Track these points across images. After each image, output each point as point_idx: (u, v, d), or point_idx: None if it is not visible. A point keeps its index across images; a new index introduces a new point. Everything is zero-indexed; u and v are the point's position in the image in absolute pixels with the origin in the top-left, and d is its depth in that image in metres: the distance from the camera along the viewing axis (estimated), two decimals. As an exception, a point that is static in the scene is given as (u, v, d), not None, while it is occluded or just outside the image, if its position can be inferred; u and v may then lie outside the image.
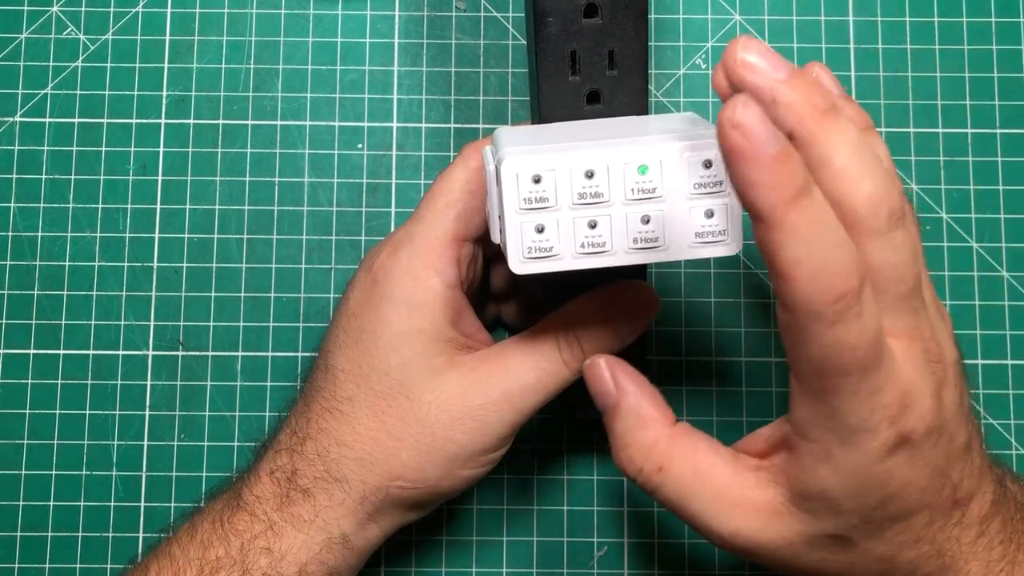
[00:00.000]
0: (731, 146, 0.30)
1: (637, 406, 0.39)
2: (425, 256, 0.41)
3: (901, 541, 0.36)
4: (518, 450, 0.52)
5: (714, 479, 0.37)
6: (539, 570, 0.51)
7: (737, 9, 0.54)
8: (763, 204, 0.30)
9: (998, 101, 0.54)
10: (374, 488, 0.41)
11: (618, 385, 0.39)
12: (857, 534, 0.35)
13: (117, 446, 0.52)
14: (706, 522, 0.37)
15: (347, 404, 0.41)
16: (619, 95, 0.40)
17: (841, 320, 0.31)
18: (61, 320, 0.52)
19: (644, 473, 0.38)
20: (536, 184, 0.35)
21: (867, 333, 0.31)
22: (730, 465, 0.37)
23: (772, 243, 0.31)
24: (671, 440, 0.38)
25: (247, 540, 0.41)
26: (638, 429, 0.38)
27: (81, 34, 0.54)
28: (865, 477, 0.33)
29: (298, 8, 0.54)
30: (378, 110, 0.54)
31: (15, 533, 0.51)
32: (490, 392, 0.41)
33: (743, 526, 0.36)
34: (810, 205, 0.31)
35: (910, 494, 0.34)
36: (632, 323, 0.42)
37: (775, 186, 0.30)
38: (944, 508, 0.36)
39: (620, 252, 0.35)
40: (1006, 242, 0.53)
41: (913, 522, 0.35)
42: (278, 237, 0.53)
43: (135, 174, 0.53)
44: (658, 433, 0.38)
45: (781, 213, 0.30)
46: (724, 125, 0.30)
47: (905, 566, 0.36)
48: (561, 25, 0.39)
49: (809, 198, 0.31)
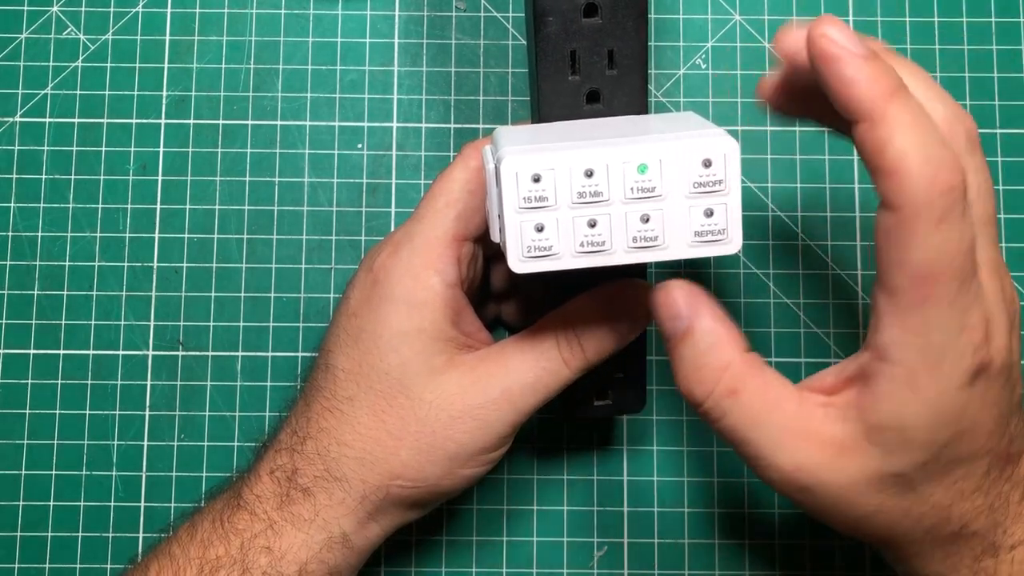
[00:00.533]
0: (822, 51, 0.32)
1: (714, 327, 0.37)
2: (425, 255, 0.41)
3: (960, 489, 0.36)
4: (518, 450, 0.52)
5: (782, 411, 0.36)
6: (539, 570, 0.51)
7: (737, 9, 0.55)
8: (865, 98, 0.32)
9: (998, 101, 0.54)
10: (374, 487, 0.41)
11: (692, 307, 0.37)
12: (921, 475, 0.35)
13: (117, 446, 0.52)
14: (769, 454, 0.36)
15: (347, 403, 0.41)
16: (619, 95, 0.40)
17: (947, 219, 0.32)
18: (61, 320, 0.52)
19: (714, 397, 0.36)
20: (535, 183, 0.35)
21: (967, 239, 0.32)
22: (797, 399, 0.36)
23: (878, 139, 0.32)
24: (745, 364, 0.36)
25: (247, 539, 0.41)
26: (714, 350, 0.36)
27: (81, 34, 0.54)
28: (943, 407, 0.34)
29: (298, 8, 0.54)
30: (378, 110, 0.54)
31: (15, 533, 0.51)
32: (490, 391, 0.41)
33: (807, 460, 0.35)
34: (910, 99, 0.32)
35: (979, 435, 0.35)
36: (632, 322, 0.42)
37: (874, 79, 0.32)
38: (1001, 458, 0.36)
39: (619, 251, 0.35)
40: (1006, 242, 0.53)
41: (975, 468, 0.35)
42: (278, 237, 0.53)
43: (135, 174, 0.53)
44: (732, 355, 0.36)
45: (883, 105, 0.32)
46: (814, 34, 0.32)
47: (957, 520, 0.36)
48: (561, 24, 0.39)
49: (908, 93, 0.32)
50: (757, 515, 0.51)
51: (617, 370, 0.45)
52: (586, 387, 0.45)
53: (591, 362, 0.42)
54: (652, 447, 0.52)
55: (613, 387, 0.46)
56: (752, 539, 0.51)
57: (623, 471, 0.52)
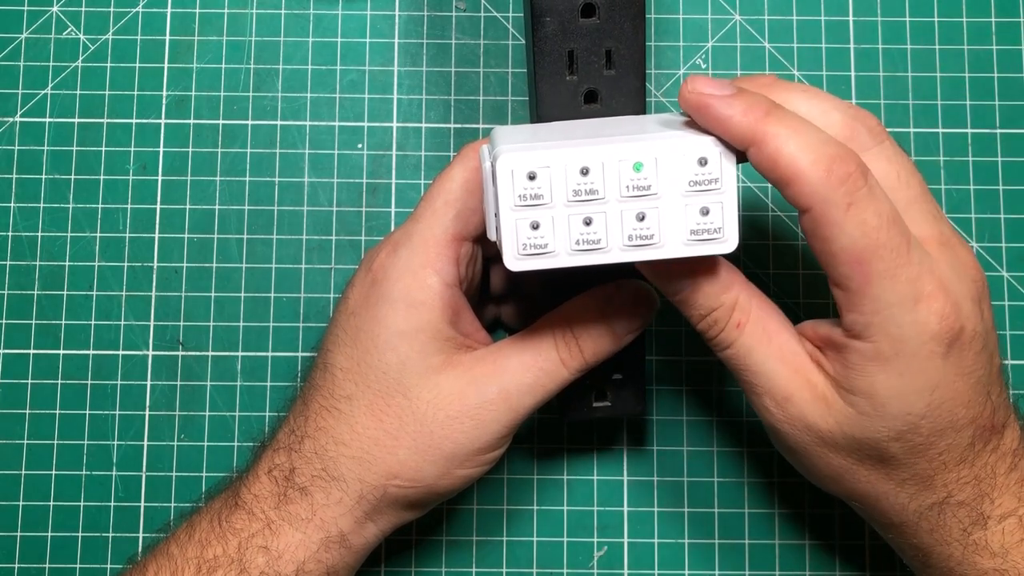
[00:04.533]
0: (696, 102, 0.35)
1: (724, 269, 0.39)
2: (424, 255, 0.41)
3: (944, 460, 0.37)
4: (518, 450, 0.52)
5: (781, 343, 0.39)
6: (539, 570, 0.51)
7: (737, 9, 0.54)
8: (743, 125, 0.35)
9: (998, 101, 0.54)
10: (371, 487, 0.41)
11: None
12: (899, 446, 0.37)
13: (117, 446, 0.52)
14: (765, 381, 0.39)
15: (345, 403, 0.41)
16: (617, 94, 0.40)
17: (854, 201, 0.34)
18: (61, 320, 0.52)
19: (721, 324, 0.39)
20: (531, 181, 0.35)
21: (884, 213, 0.34)
22: (796, 338, 0.39)
23: (767, 156, 0.35)
24: (750, 299, 0.39)
25: (244, 539, 0.41)
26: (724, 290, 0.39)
27: (81, 34, 0.54)
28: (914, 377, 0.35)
29: (298, 8, 0.54)
30: (378, 110, 0.54)
31: (15, 533, 0.51)
32: (487, 392, 0.41)
33: (797, 393, 0.38)
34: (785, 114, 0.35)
35: (957, 404, 0.36)
36: (631, 322, 0.42)
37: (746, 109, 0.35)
38: (986, 429, 0.37)
39: (615, 249, 0.35)
40: (1006, 242, 0.53)
41: (959, 439, 0.37)
42: (278, 237, 0.53)
43: (135, 174, 0.53)
44: (739, 292, 0.39)
45: (763, 125, 0.34)
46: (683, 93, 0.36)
47: (941, 489, 0.38)
48: (558, 24, 0.39)
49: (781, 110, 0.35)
50: (757, 515, 0.51)
51: (616, 371, 0.45)
52: (585, 388, 0.45)
53: (589, 363, 0.42)
54: (652, 447, 0.52)
55: (612, 388, 0.46)
56: (752, 539, 0.51)
57: (623, 471, 0.52)
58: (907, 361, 0.35)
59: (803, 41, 0.54)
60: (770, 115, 0.35)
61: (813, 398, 0.38)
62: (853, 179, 0.34)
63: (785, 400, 0.38)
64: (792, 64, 0.54)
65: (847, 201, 0.34)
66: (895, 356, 0.35)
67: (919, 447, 0.37)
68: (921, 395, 0.36)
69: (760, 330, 0.39)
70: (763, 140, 0.34)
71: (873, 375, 0.36)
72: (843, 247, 0.34)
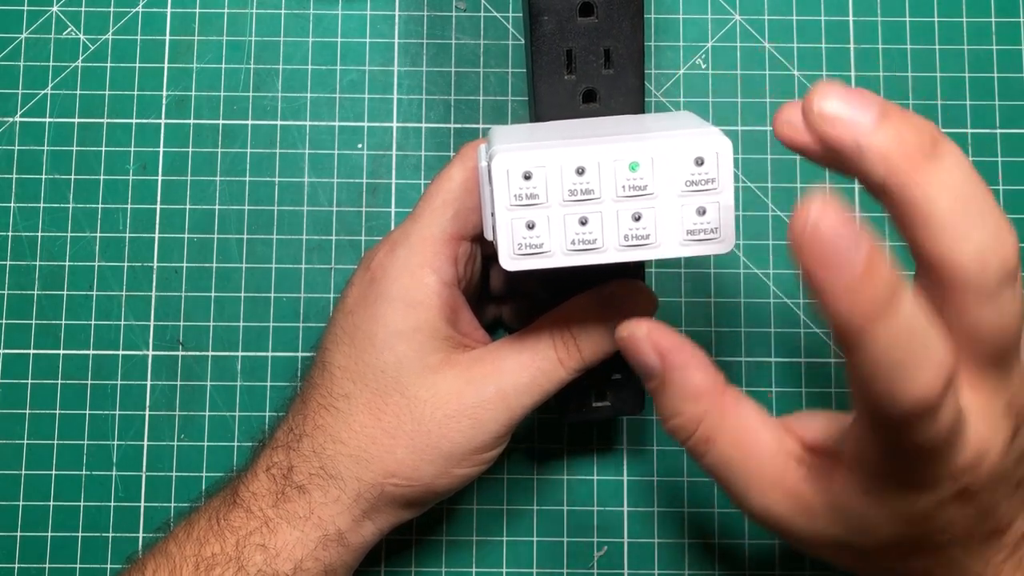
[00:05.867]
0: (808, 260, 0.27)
1: (684, 381, 0.36)
2: (422, 254, 0.41)
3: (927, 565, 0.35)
4: (518, 450, 0.52)
5: (757, 456, 0.36)
6: (539, 570, 0.51)
7: (737, 9, 0.54)
8: (839, 323, 0.28)
9: (998, 101, 0.54)
10: (369, 485, 0.41)
11: (663, 359, 0.36)
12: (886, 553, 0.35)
13: (117, 446, 0.52)
14: (741, 494, 0.36)
15: (343, 401, 0.41)
16: (615, 94, 0.40)
17: (919, 423, 0.29)
18: (61, 320, 0.52)
19: (692, 442, 0.37)
20: (527, 180, 0.35)
21: (945, 425, 0.30)
22: (775, 443, 0.36)
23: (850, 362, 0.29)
24: (720, 412, 0.36)
25: (242, 537, 0.41)
26: (687, 402, 0.36)
27: (81, 34, 0.54)
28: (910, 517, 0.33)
29: (298, 8, 0.54)
30: (378, 110, 0.54)
31: (15, 533, 0.51)
32: (484, 391, 0.40)
33: (775, 507, 0.36)
34: (895, 320, 0.28)
35: (952, 532, 0.34)
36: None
37: (853, 306, 0.27)
38: (982, 539, 0.35)
39: (611, 249, 0.35)
40: (1007, 242, 0.53)
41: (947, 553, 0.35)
42: (278, 237, 0.53)
43: (135, 174, 0.53)
44: (707, 405, 0.36)
45: (856, 338, 0.28)
46: (798, 229, 0.27)
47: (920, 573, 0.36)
48: (556, 24, 0.39)
49: (894, 312, 0.28)
50: (756, 516, 0.51)
51: (615, 371, 0.45)
52: (584, 389, 0.45)
53: (587, 363, 0.41)
54: (652, 447, 0.52)
55: (611, 388, 0.46)
56: (752, 539, 0.51)
57: (623, 471, 0.52)
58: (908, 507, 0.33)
59: (803, 41, 0.54)
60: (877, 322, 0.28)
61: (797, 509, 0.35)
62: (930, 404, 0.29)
63: (763, 511, 0.36)
64: (792, 64, 0.54)
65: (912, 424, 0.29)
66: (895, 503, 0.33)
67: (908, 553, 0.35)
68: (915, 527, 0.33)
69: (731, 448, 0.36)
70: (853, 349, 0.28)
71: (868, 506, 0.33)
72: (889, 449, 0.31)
